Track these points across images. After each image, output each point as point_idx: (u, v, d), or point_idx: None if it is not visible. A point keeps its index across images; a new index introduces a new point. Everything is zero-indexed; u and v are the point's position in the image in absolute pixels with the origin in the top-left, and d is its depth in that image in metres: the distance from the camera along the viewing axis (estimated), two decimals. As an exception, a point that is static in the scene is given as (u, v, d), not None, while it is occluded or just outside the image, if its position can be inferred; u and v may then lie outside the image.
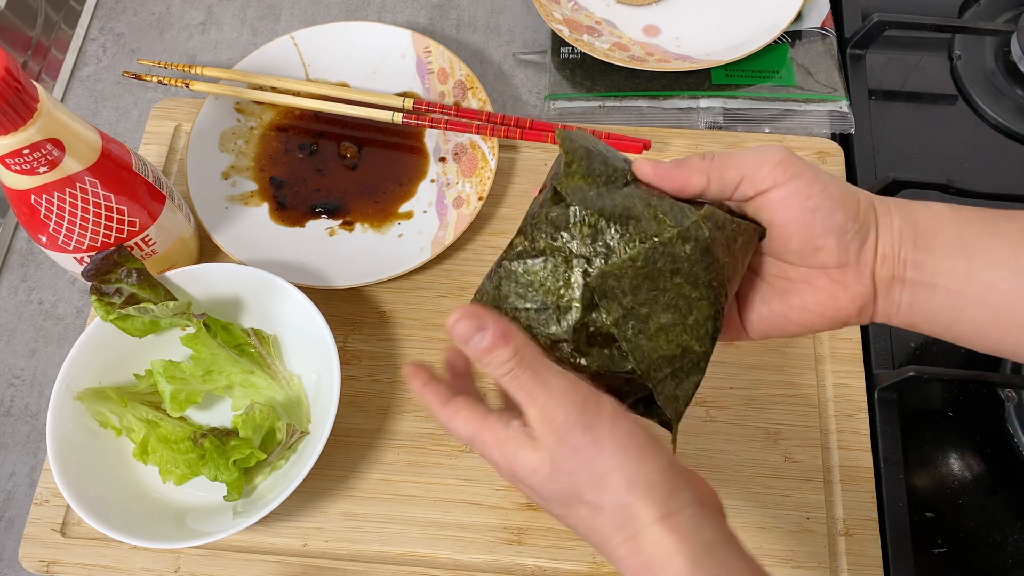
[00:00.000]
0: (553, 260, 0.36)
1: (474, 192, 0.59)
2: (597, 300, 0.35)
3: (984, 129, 0.65)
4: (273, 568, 0.50)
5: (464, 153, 0.61)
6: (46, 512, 0.52)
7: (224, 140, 0.62)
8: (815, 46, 0.65)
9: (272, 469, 0.51)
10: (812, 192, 0.35)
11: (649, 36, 0.66)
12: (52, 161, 0.45)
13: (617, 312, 0.34)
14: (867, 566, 0.49)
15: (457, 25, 0.70)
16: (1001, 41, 0.67)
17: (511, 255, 0.37)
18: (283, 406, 0.52)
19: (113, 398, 0.50)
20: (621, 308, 0.34)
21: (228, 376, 0.52)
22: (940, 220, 0.36)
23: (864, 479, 0.51)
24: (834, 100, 0.63)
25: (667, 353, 0.35)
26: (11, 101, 0.41)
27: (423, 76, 0.64)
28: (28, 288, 0.61)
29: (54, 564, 0.50)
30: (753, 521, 0.51)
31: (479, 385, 0.39)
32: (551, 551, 0.50)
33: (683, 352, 0.36)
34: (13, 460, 0.55)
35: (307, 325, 0.51)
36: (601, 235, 0.35)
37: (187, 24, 0.71)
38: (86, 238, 0.49)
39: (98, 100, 0.68)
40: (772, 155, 0.36)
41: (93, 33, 0.71)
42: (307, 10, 0.72)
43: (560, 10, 0.67)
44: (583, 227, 0.35)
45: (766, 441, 0.53)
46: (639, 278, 0.34)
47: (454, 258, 0.59)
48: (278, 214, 0.60)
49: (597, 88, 0.65)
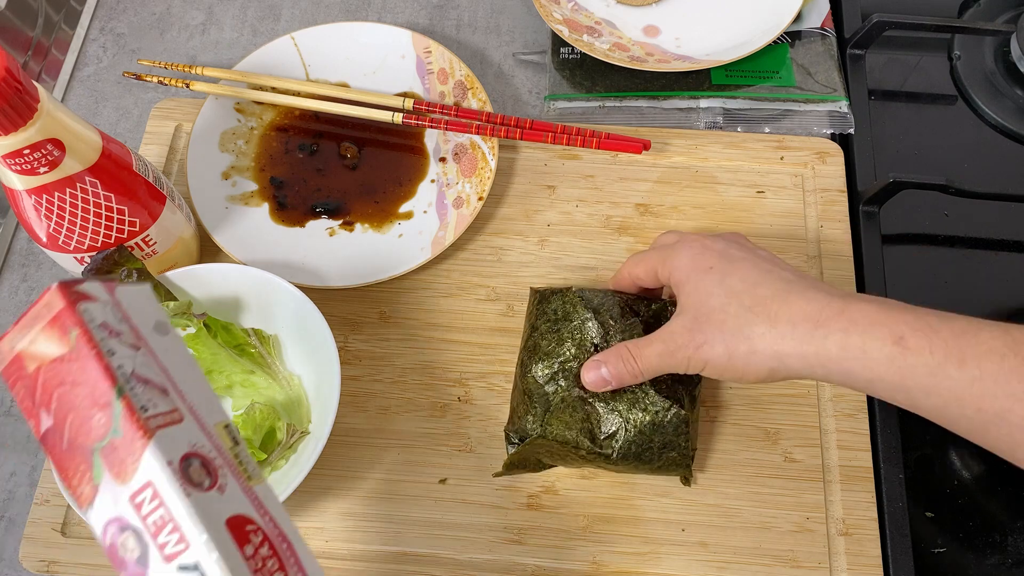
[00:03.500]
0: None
1: (474, 192, 0.59)
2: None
3: (984, 129, 0.65)
4: (273, 568, 0.50)
5: (464, 153, 0.61)
6: (46, 512, 0.52)
7: (224, 140, 0.62)
8: (815, 46, 0.65)
9: (272, 469, 0.51)
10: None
11: (649, 36, 0.66)
12: (52, 161, 0.45)
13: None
14: (867, 566, 0.49)
15: (457, 25, 0.70)
16: (1001, 41, 0.67)
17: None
18: (283, 406, 0.52)
19: (113, 398, 0.50)
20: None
21: (228, 376, 0.52)
22: (878, 366, 0.38)
23: (864, 479, 0.51)
24: (834, 100, 0.63)
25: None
26: (11, 101, 0.41)
27: (423, 76, 0.64)
28: (28, 288, 0.61)
29: (54, 564, 0.50)
30: (752, 521, 0.51)
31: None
32: (551, 551, 0.50)
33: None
34: (14, 460, 0.55)
35: (307, 325, 0.51)
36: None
37: (187, 24, 0.71)
38: (86, 238, 0.49)
39: (98, 100, 0.68)
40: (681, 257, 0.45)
41: (93, 33, 0.71)
42: (307, 10, 0.72)
43: (560, 10, 0.67)
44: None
45: (766, 441, 0.53)
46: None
47: (454, 258, 0.59)
48: (278, 214, 0.60)
49: (597, 88, 0.65)
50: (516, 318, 0.56)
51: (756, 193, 0.61)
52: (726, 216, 0.60)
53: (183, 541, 0.30)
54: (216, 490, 0.31)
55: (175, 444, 0.31)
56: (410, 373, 0.55)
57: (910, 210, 0.60)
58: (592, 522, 0.51)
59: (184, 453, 0.31)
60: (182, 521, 0.30)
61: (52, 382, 0.32)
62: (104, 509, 0.31)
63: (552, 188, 0.61)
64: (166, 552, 0.30)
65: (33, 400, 0.32)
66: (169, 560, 0.29)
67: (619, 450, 0.47)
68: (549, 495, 0.51)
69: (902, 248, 0.60)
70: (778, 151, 0.62)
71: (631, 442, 0.47)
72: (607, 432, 0.47)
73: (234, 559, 0.30)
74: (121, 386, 0.31)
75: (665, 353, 0.43)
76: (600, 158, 0.62)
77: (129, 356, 0.33)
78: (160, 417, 0.32)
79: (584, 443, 0.47)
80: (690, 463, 0.48)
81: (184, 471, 0.31)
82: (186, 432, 0.32)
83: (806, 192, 0.61)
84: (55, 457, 0.32)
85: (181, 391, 0.34)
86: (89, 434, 0.31)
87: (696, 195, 0.61)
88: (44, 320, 0.33)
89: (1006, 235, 0.60)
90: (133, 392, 0.32)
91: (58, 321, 0.32)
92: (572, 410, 0.47)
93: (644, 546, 0.50)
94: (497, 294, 0.57)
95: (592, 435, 0.47)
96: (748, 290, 0.41)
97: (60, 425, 0.32)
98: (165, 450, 0.31)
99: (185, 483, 0.30)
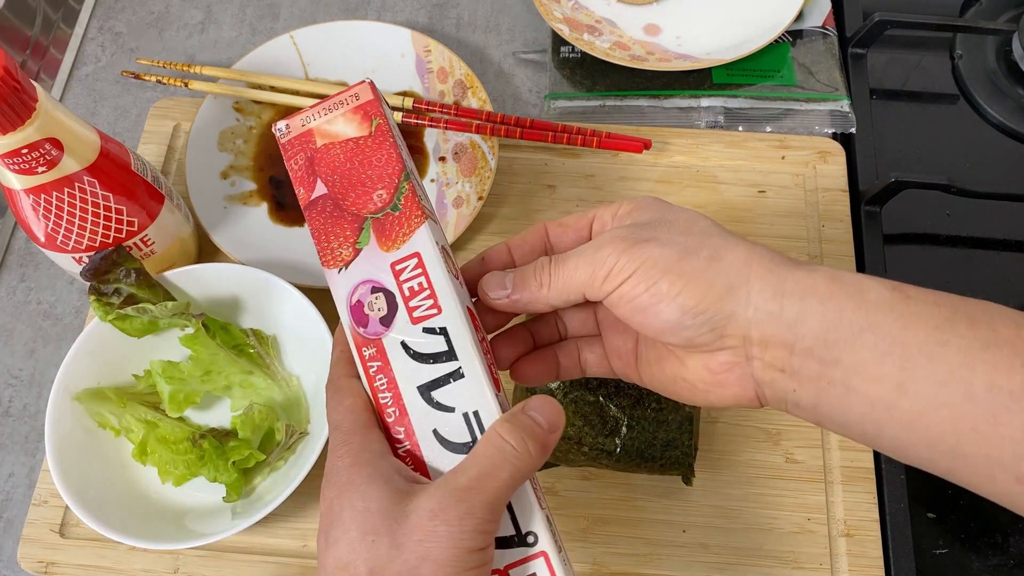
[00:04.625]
0: None
1: (474, 192, 0.59)
2: None
3: (985, 129, 0.65)
4: (272, 569, 0.50)
5: (464, 153, 0.61)
6: (45, 513, 0.51)
7: (223, 139, 0.62)
8: (816, 45, 0.65)
9: (271, 470, 0.51)
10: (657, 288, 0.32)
11: (650, 35, 0.66)
12: (51, 161, 0.45)
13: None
14: (868, 567, 0.49)
15: (457, 24, 0.70)
16: (1003, 40, 0.67)
17: None
18: (282, 406, 0.52)
19: (112, 398, 0.50)
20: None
21: (227, 376, 0.52)
22: (875, 310, 0.30)
23: (865, 480, 0.51)
24: (835, 99, 0.63)
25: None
26: (9, 100, 0.41)
27: (423, 75, 0.64)
28: (27, 288, 0.60)
29: (53, 565, 0.50)
30: (754, 522, 0.50)
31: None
32: (551, 552, 0.50)
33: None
34: (12, 461, 0.55)
35: (306, 325, 0.50)
36: None
37: (186, 23, 0.71)
38: (85, 238, 0.48)
39: (97, 99, 0.68)
40: (607, 256, 0.33)
41: (92, 32, 0.71)
42: (306, 9, 0.71)
43: (560, 9, 0.67)
44: None
45: (767, 442, 0.52)
46: None
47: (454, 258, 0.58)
48: (277, 214, 0.60)
49: (597, 87, 0.64)
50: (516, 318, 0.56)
51: (757, 193, 0.60)
52: (727, 215, 0.60)
53: (436, 307, 0.34)
54: (460, 282, 0.37)
55: (437, 234, 0.36)
56: (410, 373, 0.55)
57: (912, 210, 0.60)
58: (592, 523, 0.51)
59: (441, 244, 0.36)
60: (440, 291, 0.34)
61: (340, 157, 0.37)
62: (360, 270, 0.35)
63: (552, 188, 0.61)
64: (415, 315, 0.34)
65: (312, 170, 0.37)
66: (416, 322, 0.34)
67: (622, 447, 0.47)
68: (549, 496, 0.51)
69: (904, 248, 0.60)
70: (779, 150, 0.62)
71: (634, 439, 0.47)
72: (610, 429, 0.47)
73: (471, 335, 0.34)
74: (408, 172, 0.36)
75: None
76: (601, 157, 0.62)
77: (408, 158, 0.38)
78: (430, 210, 0.37)
79: (587, 439, 0.47)
80: (692, 462, 0.48)
81: (443, 255, 0.35)
82: (441, 233, 0.38)
83: (807, 192, 0.60)
84: (318, 222, 0.36)
85: (432, 207, 0.40)
86: (366, 205, 0.36)
87: (697, 194, 0.60)
88: (349, 107, 0.37)
89: (1008, 235, 0.60)
90: (416, 182, 0.37)
91: (363, 109, 0.37)
92: (575, 406, 0.47)
93: (645, 547, 0.50)
94: (497, 294, 0.57)
95: (595, 432, 0.47)
96: (711, 220, 0.34)
97: (335, 194, 0.36)
98: (435, 233, 0.35)
99: (447, 263, 0.35)
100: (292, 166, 0.37)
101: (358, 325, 0.35)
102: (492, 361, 0.36)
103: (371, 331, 0.34)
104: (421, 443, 0.33)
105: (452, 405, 0.33)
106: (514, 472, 0.31)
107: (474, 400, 0.33)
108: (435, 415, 0.33)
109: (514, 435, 0.32)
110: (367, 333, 0.34)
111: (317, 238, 0.36)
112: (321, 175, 0.37)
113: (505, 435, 0.32)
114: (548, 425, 0.33)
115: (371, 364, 0.34)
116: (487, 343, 0.37)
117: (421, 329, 0.34)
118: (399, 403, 0.34)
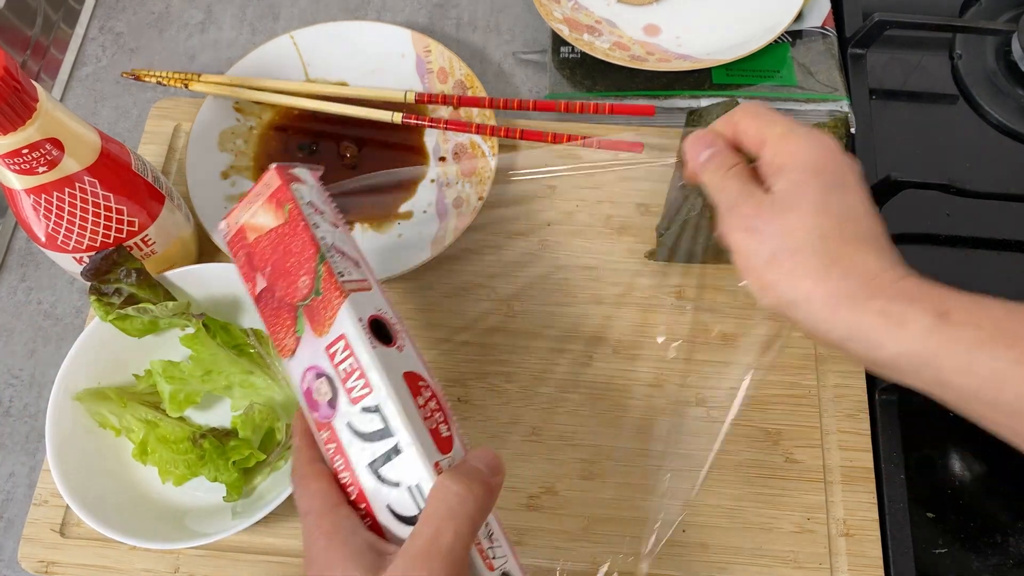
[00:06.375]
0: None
1: (474, 192, 0.59)
2: None
3: (985, 129, 0.65)
4: (273, 568, 0.50)
5: (464, 153, 0.61)
6: (45, 512, 0.52)
7: (223, 140, 0.62)
8: (816, 46, 0.65)
9: (271, 469, 0.51)
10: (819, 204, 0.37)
11: (649, 35, 0.66)
12: (51, 161, 0.45)
13: None
14: (868, 567, 0.49)
15: (457, 24, 0.70)
16: (1002, 41, 0.67)
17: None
18: (282, 406, 0.52)
19: (112, 398, 0.50)
20: None
21: (227, 376, 0.52)
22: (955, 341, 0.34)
23: (865, 479, 0.51)
24: (835, 100, 0.63)
25: None
26: (10, 101, 0.41)
27: (423, 75, 0.64)
28: (27, 288, 0.60)
29: (53, 565, 0.50)
30: (753, 522, 0.50)
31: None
32: (551, 551, 0.50)
33: None
34: (12, 460, 0.55)
35: (307, 325, 0.50)
36: None
37: (186, 23, 0.71)
38: (85, 238, 0.49)
39: (97, 100, 0.68)
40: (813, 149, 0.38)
41: (92, 32, 0.71)
42: (306, 9, 0.71)
43: (560, 9, 0.67)
44: None
45: (766, 441, 0.52)
46: None
47: (454, 258, 0.58)
48: (278, 214, 0.60)
49: (597, 87, 0.65)
50: (516, 318, 0.56)
51: (757, 193, 0.60)
52: (727, 216, 0.60)
53: (368, 386, 0.34)
54: (396, 348, 0.36)
55: (364, 306, 0.36)
56: (410, 373, 0.55)
57: (911, 210, 0.60)
58: (592, 523, 0.51)
59: (371, 315, 0.36)
60: (368, 368, 0.34)
61: (268, 249, 0.37)
62: (304, 357, 0.36)
63: (552, 188, 0.61)
64: (353, 396, 0.34)
65: (252, 265, 0.38)
66: (355, 402, 0.34)
67: None
68: (549, 496, 0.51)
69: (903, 248, 0.58)
70: (779, 151, 0.62)
71: None
72: None
73: (409, 404, 0.34)
74: (323, 253, 0.36)
75: (731, 203, 0.39)
76: (601, 157, 0.62)
77: (330, 231, 0.38)
78: (353, 283, 0.37)
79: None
80: None
81: (371, 329, 0.35)
82: (372, 299, 0.37)
83: (807, 192, 0.60)
84: (267, 314, 0.37)
85: (370, 267, 0.40)
86: (296, 293, 0.36)
87: (697, 195, 0.60)
88: (264, 196, 0.38)
89: (1008, 235, 0.60)
90: (333, 260, 0.37)
91: (275, 197, 0.37)
92: (705, 198, 0.50)
93: (645, 547, 0.50)
94: (497, 294, 0.57)
95: None
96: (839, 218, 0.37)
97: (272, 286, 0.37)
98: (357, 309, 0.35)
99: (372, 338, 0.35)
100: (238, 264, 0.38)
101: (312, 410, 0.35)
102: (445, 418, 0.36)
103: (322, 415, 0.35)
104: (380, 518, 0.34)
105: (397, 480, 0.34)
106: (466, 519, 0.32)
107: (415, 474, 0.33)
108: (385, 491, 0.34)
109: (457, 482, 0.33)
110: (320, 417, 0.35)
111: (268, 330, 0.37)
112: (259, 269, 0.37)
113: (449, 483, 0.33)
114: (489, 469, 0.35)
115: (328, 446, 0.35)
116: (437, 398, 0.36)
117: (360, 409, 0.34)
118: (356, 482, 0.34)
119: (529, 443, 0.53)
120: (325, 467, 0.36)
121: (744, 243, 0.38)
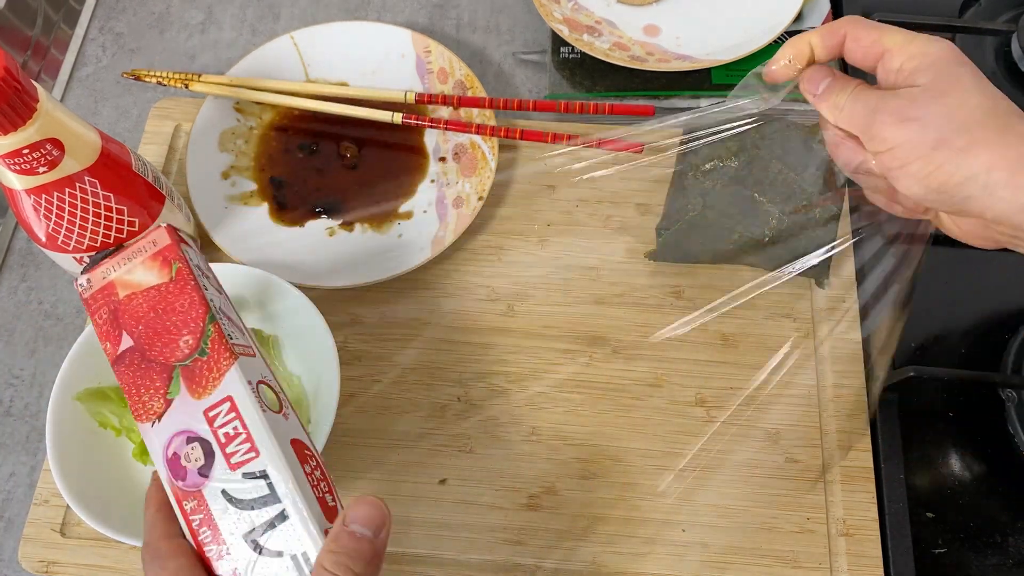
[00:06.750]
0: None
1: (474, 192, 0.59)
2: None
3: (985, 129, 0.65)
4: (273, 568, 0.50)
5: (464, 153, 0.61)
6: (45, 512, 0.52)
7: (224, 140, 0.62)
8: (815, 46, 0.65)
9: (272, 469, 0.51)
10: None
11: (649, 36, 0.66)
12: (52, 161, 0.45)
13: None
14: (867, 566, 0.49)
15: (457, 25, 0.70)
16: (1002, 41, 0.67)
17: None
18: (283, 406, 0.52)
19: (113, 398, 0.50)
20: None
21: (228, 376, 0.52)
22: None
23: (864, 479, 0.51)
24: (834, 100, 0.63)
25: None
26: (10, 101, 0.41)
27: (423, 76, 0.64)
28: (28, 288, 0.60)
29: (53, 564, 0.50)
30: (753, 522, 0.51)
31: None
32: (551, 551, 0.50)
33: None
34: (12, 460, 0.55)
35: (307, 325, 0.51)
36: None
37: (187, 24, 0.71)
38: (85, 238, 0.49)
39: (98, 100, 0.68)
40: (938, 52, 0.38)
41: (93, 33, 0.71)
42: (306, 10, 0.72)
43: (560, 10, 0.67)
44: None
45: (766, 441, 0.53)
46: None
47: (454, 258, 0.59)
48: (278, 214, 0.60)
49: (597, 88, 0.65)
50: (516, 318, 0.56)
51: (757, 193, 0.60)
52: (726, 216, 0.60)
53: (253, 450, 0.33)
54: (282, 415, 0.36)
55: (252, 371, 0.36)
56: (410, 373, 0.55)
57: (911, 210, 0.60)
58: (592, 522, 0.51)
59: (258, 380, 0.36)
60: (256, 433, 0.33)
61: (143, 307, 0.37)
62: (173, 422, 0.34)
63: (552, 188, 0.61)
64: (233, 461, 0.33)
65: (117, 323, 0.37)
66: (235, 468, 0.33)
67: (770, 238, 0.52)
68: (549, 495, 0.51)
69: None
70: (779, 151, 0.62)
71: (782, 232, 0.51)
72: (762, 221, 0.52)
73: (298, 470, 0.33)
74: (214, 314, 0.36)
75: (873, 109, 0.39)
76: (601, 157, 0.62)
77: (216, 296, 0.38)
78: (240, 347, 0.37)
79: (739, 227, 0.52)
80: (829, 264, 0.53)
81: (258, 394, 0.35)
82: (258, 365, 0.37)
83: (807, 192, 0.61)
84: (127, 376, 0.36)
85: (253, 338, 0.39)
86: (174, 353, 0.35)
87: (696, 195, 0.60)
88: (147, 254, 0.38)
89: (1007, 235, 0.60)
90: (222, 321, 0.37)
91: (162, 255, 0.37)
92: (732, 199, 0.52)
93: (644, 547, 0.50)
94: (497, 294, 0.57)
95: (748, 221, 0.52)
96: (994, 97, 0.38)
97: (141, 344, 0.36)
98: (246, 372, 0.35)
99: (261, 402, 0.34)
100: (96, 321, 0.37)
101: (176, 478, 0.34)
102: (330, 488, 0.35)
103: (190, 483, 0.33)
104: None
105: (280, 549, 0.32)
106: None
107: (301, 542, 0.32)
108: (264, 562, 0.32)
109: (338, 566, 0.31)
110: (186, 486, 0.33)
111: (128, 393, 0.35)
112: (126, 327, 0.36)
113: (329, 567, 0.31)
114: (373, 530, 0.33)
115: (193, 517, 0.33)
116: (322, 469, 0.36)
117: (241, 475, 0.33)
118: (226, 555, 0.32)
119: (529, 443, 0.53)
120: (185, 542, 0.33)
121: (903, 135, 0.38)
